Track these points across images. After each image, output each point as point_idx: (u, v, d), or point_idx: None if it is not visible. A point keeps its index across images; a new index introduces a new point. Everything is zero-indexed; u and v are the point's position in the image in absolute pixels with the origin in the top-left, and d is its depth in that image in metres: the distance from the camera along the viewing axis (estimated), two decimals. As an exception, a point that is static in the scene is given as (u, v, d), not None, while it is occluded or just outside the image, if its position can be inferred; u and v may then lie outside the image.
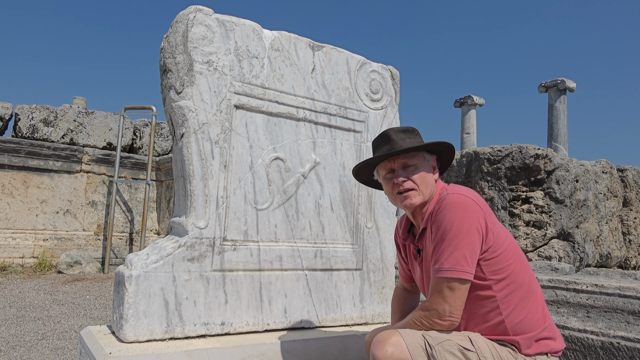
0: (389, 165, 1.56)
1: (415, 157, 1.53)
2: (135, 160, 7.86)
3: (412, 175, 1.51)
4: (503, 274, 1.42)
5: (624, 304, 2.07)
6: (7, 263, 6.59)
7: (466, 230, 1.37)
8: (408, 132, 1.57)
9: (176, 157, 1.96)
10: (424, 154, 1.56)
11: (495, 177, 4.20)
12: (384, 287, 2.35)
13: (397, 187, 1.53)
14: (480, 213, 1.40)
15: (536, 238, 4.02)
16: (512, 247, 1.47)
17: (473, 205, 1.40)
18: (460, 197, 1.42)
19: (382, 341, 1.37)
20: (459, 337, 1.39)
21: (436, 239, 1.42)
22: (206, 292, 1.87)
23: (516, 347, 1.43)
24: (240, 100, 1.98)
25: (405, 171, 1.53)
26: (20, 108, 7.36)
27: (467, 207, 1.39)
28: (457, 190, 1.46)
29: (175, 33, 1.87)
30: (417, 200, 1.51)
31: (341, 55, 2.29)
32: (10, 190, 6.93)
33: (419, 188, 1.51)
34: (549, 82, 12.22)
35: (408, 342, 1.35)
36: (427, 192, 1.52)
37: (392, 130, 1.58)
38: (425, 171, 1.53)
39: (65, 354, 2.98)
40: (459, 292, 1.37)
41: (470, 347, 1.37)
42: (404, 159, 1.53)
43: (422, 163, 1.54)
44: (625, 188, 5.09)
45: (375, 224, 2.34)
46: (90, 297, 4.88)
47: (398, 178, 1.52)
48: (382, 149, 1.57)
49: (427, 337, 1.37)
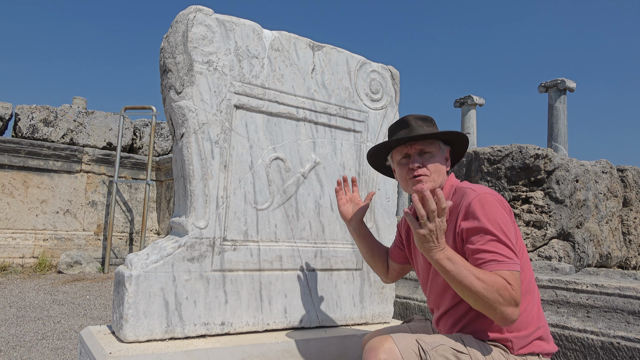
0: (405, 150, 1.57)
1: (432, 145, 1.55)
2: (135, 160, 7.86)
3: (427, 162, 1.53)
4: None
5: (624, 304, 2.07)
6: (7, 263, 6.59)
7: (508, 227, 1.37)
8: (427, 121, 1.60)
9: (176, 157, 1.96)
10: (440, 144, 1.58)
11: (495, 177, 4.20)
12: (384, 287, 2.35)
13: (411, 173, 1.54)
14: (510, 210, 1.43)
15: (536, 238, 4.02)
16: (520, 242, 1.49)
17: (505, 203, 1.43)
18: (490, 195, 1.42)
19: (374, 348, 1.36)
20: (452, 341, 1.39)
21: (476, 231, 1.37)
22: (206, 292, 1.87)
23: (508, 347, 1.43)
24: (240, 100, 1.98)
25: (421, 157, 1.54)
26: (20, 108, 7.36)
27: (504, 205, 1.42)
28: (482, 189, 1.46)
29: (175, 33, 1.87)
30: (428, 185, 1.52)
31: (341, 55, 2.29)
32: (10, 190, 6.93)
33: (431, 175, 1.53)
34: (549, 82, 12.22)
35: (401, 348, 1.34)
36: (439, 181, 1.54)
37: (411, 116, 1.60)
38: (439, 160, 1.55)
39: (65, 354, 2.98)
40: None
41: (464, 349, 1.37)
42: (421, 145, 1.54)
43: (438, 152, 1.56)
44: (625, 188, 5.09)
45: (375, 224, 2.34)
46: (90, 297, 4.88)
47: (414, 163, 1.53)
48: (400, 133, 1.58)
49: (421, 342, 1.36)
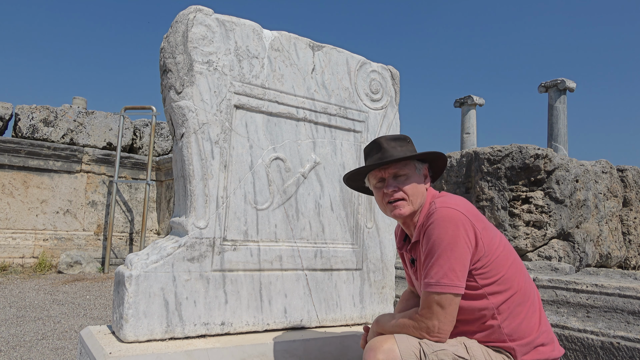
0: (379, 174, 1.54)
1: (407, 167, 1.52)
2: (135, 160, 7.86)
3: (402, 185, 1.50)
4: (497, 282, 1.41)
5: (624, 304, 2.07)
6: (7, 263, 6.59)
7: (455, 244, 1.36)
8: (400, 141, 1.56)
9: (176, 157, 1.96)
10: (415, 163, 1.55)
11: (495, 177, 4.20)
12: (384, 287, 2.35)
13: (387, 197, 1.52)
14: (469, 224, 1.39)
15: (536, 238, 4.02)
16: (506, 253, 1.46)
17: (461, 217, 1.39)
18: (448, 210, 1.40)
19: (374, 348, 1.36)
20: (454, 346, 1.39)
21: (426, 254, 1.42)
22: (206, 292, 1.87)
23: (512, 354, 1.42)
24: (240, 100, 1.98)
25: (395, 181, 1.52)
26: (20, 108, 7.36)
27: (455, 220, 1.38)
28: (446, 203, 1.44)
29: (175, 33, 1.87)
30: (406, 210, 1.50)
31: (341, 55, 2.29)
32: (10, 190, 6.93)
33: (409, 198, 1.50)
34: (549, 82, 12.23)
35: (402, 349, 1.34)
36: (417, 202, 1.51)
37: (383, 138, 1.57)
38: (416, 180, 1.52)
39: (65, 354, 2.98)
40: (450, 308, 1.36)
41: (466, 355, 1.37)
42: (394, 168, 1.52)
43: (413, 172, 1.53)
44: (625, 188, 5.09)
45: (375, 224, 2.34)
46: (90, 297, 4.88)
47: (388, 188, 1.51)
48: (374, 157, 1.56)
49: (423, 344, 1.36)
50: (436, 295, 1.35)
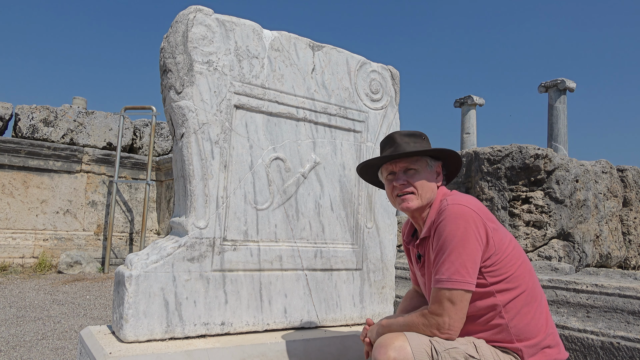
0: (390, 167, 1.57)
1: (418, 162, 1.54)
2: (135, 160, 7.86)
3: (412, 179, 1.52)
4: (505, 279, 1.41)
5: (624, 304, 2.07)
6: (7, 263, 6.59)
7: (466, 240, 1.37)
8: (414, 137, 1.59)
9: (176, 157, 1.96)
10: (427, 160, 1.56)
11: (495, 177, 4.20)
12: (384, 287, 2.35)
13: (396, 190, 1.54)
14: (480, 222, 1.40)
15: (536, 238, 4.02)
16: (516, 252, 1.46)
17: (473, 214, 1.40)
18: (460, 207, 1.41)
19: (384, 345, 1.35)
20: (465, 345, 1.38)
21: (437, 250, 1.42)
22: (206, 292, 1.87)
23: (519, 355, 1.42)
24: (240, 100, 1.98)
25: (405, 175, 1.54)
26: (20, 108, 7.36)
27: (467, 217, 1.39)
28: (458, 200, 1.45)
29: (175, 33, 1.87)
30: (414, 204, 1.51)
31: (341, 55, 2.29)
32: (10, 190, 6.93)
33: (417, 192, 1.51)
34: (549, 82, 12.22)
35: (413, 346, 1.33)
36: (426, 197, 1.53)
37: (397, 133, 1.60)
38: (426, 176, 1.54)
39: (65, 354, 2.98)
40: (460, 304, 1.36)
41: (475, 354, 1.37)
42: (405, 162, 1.54)
43: (424, 168, 1.55)
44: (625, 188, 5.09)
45: (375, 224, 2.34)
46: (90, 297, 4.88)
47: (398, 181, 1.53)
48: (387, 151, 1.59)
49: (434, 342, 1.36)
50: (447, 292, 1.35)
